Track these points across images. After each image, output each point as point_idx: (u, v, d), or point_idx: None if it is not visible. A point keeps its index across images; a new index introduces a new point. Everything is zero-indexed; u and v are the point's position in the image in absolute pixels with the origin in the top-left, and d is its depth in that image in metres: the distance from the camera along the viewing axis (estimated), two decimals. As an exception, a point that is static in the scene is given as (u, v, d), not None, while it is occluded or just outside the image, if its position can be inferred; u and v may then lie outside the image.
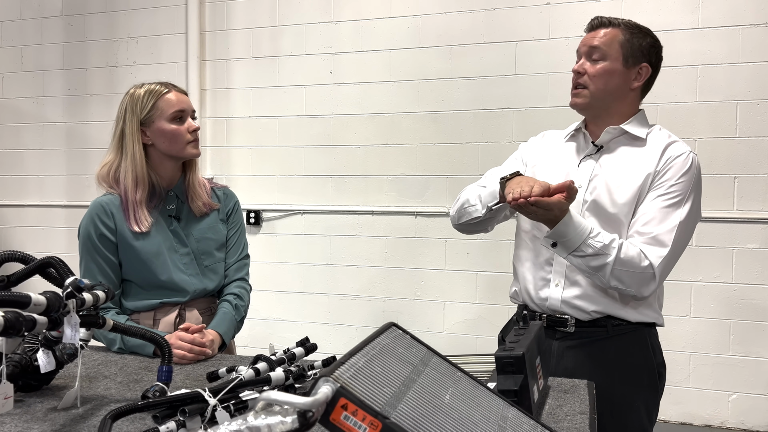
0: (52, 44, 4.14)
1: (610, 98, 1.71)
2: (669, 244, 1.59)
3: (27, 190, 4.24)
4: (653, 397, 1.70)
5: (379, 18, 3.54)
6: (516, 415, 0.95)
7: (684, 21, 3.09)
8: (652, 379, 1.69)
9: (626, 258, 1.56)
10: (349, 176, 3.63)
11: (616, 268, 1.55)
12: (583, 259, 1.57)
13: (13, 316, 1.05)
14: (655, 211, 1.62)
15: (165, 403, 1.09)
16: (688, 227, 1.64)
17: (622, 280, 1.57)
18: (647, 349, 1.68)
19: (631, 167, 1.67)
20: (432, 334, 3.49)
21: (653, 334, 1.72)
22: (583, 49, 1.71)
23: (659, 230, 1.60)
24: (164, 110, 1.75)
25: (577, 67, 1.71)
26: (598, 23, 1.72)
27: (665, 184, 1.63)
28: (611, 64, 1.67)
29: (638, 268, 1.57)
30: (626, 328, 1.66)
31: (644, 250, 1.59)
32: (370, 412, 0.70)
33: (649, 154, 1.67)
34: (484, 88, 3.39)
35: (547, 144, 1.85)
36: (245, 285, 1.93)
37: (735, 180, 3.07)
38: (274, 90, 3.74)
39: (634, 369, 1.67)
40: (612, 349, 1.66)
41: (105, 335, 1.68)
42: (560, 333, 1.70)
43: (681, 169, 1.63)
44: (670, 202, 1.61)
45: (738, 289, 3.08)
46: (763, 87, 3.02)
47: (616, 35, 1.68)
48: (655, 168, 1.64)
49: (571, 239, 1.55)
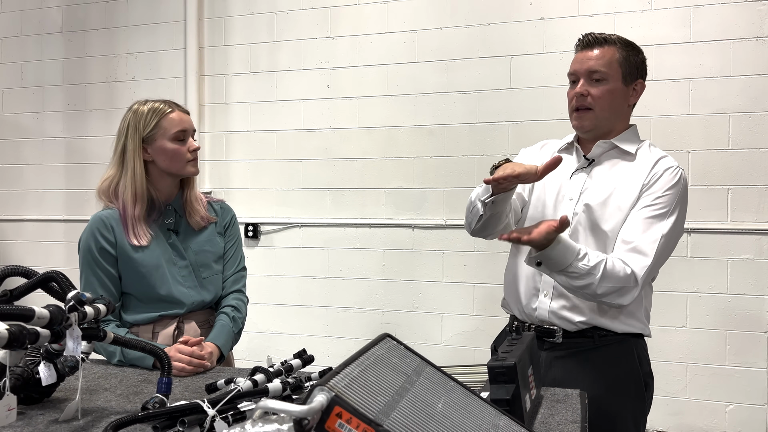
0: (52, 60, 4.18)
1: (613, 117, 1.73)
2: (651, 255, 1.60)
3: (26, 204, 4.27)
4: (640, 407, 1.72)
5: (376, 33, 3.58)
6: (507, 424, 0.98)
7: (676, 35, 3.14)
8: (638, 389, 1.70)
9: (611, 272, 1.57)
10: (346, 189, 3.66)
11: (601, 284, 1.56)
12: (568, 278, 1.57)
13: (17, 329, 1.07)
14: (639, 221, 1.64)
15: (165, 414, 1.11)
16: (671, 240, 1.66)
17: (605, 293, 1.58)
18: (633, 359, 1.70)
19: (620, 182, 1.69)
20: (430, 346, 3.51)
21: (640, 344, 1.74)
22: (582, 70, 1.70)
23: (642, 240, 1.61)
24: (167, 129, 1.78)
25: (579, 89, 1.70)
26: (592, 40, 1.71)
27: (651, 196, 1.65)
28: (613, 84, 1.69)
29: (621, 280, 1.58)
30: (612, 339, 1.68)
31: (626, 259, 1.60)
32: (364, 420, 0.72)
33: (639, 169, 1.69)
34: (480, 102, 3.43)
35: (544, 156, 1.85)
36: (242, 297, 1.96)
37: (728, 191, 3.10)
38: (272, 104, 3.78)
39: (621, 379, 1.68)
40: (599, 360, 1.68)
41: (105, 348, 1.70)
42: (548, 344, 1.72)
43: (669, 182, 1.66)
44: (655, 214, 1.63)
45: (733, 299, 3.10)
46: (754, 100, 3.06)
47: (613, 54, 1.69)
48: (644, 181, 1.67)
49: (556, 261, 1.55)
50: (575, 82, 1.74)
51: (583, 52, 1.72)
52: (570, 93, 1.76)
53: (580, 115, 1.72)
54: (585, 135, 1.77)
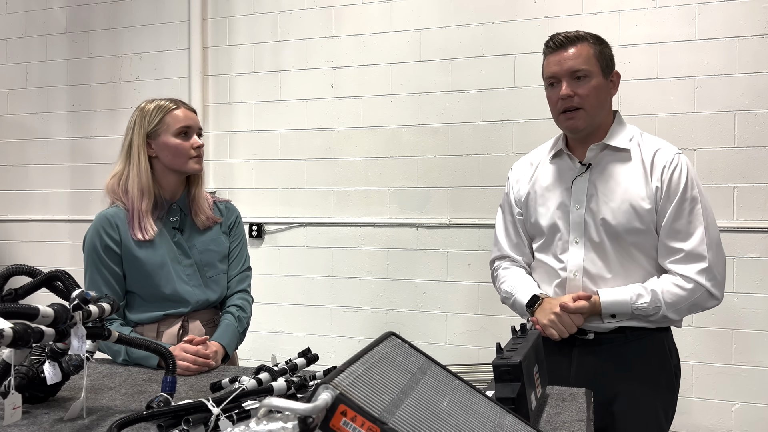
0: (56, 61, 4.19)
1: (602, 112, 1.73)
2: (705, 253, 1.62)
3: (31, 204, 4.28)
4: (671, 398, 1.74)
5: (380, 32, 3.58)
6: (513, 422, 0.97)
7: (681, 33, 3.13)
8: (669, 381, 1.73)
9: (672, 299, 1.63)
10: (350, 189, 3.66)
11: (670, 311, 1.63)
12: (645, 317, 1.65)
13: (21, 328, 1.07)
14: (677, 230, 1.65)
15: (169, 413, 1.11)
16: (711, 220, 1.67)
17: (690, 311, 1.66)
18: (665, 351, 1.72)
19: (623, 182, 1.69)
20: (435, 345, 3.50)
21: (669, 336, 1.76)
22: (562, 72, 1.68)
23: (689, 245, 1.63)
24: (171, 125, 1.79)
25: (565, 91, 1.68)
26: (564, 40, 1.69)
27: (672, 199, 1.65)
28: (596, 80, 1.68)
29: (686, 297, 1.63)
30: (644, 333, 1.70)
31: (682, 272, 1.63)
32: (368, 418, 0.72)
33: (638, 165, 1.69)
34: (484, 101, 3.42)
35: (534, 172, 1.86)
36: (247, 297, 1.96)
37: (734, 190, 3.08)
38: (276, 104, 3.78)
39: (652, 371, 1.70)
40: (630, 354, 1.69)
41: (110, 347, 1.70)
42: (579, 340, 1.72)
43: (678, 180, 1.66)
44: (685, 215, 1.64)
45: (739, 298, 3.09)
46: (760, 97, 3.04)
47: (589, 50, 1.68)
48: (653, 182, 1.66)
49: (621, 311, 1.64)
50: (553, 84, 1.73)
51: (557, 53, 1.70)
52: (553, 96, 1.74)
53: (571, 116, 1.70)
54: (577, 135, 1.76)
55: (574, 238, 1.72)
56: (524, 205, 1.85)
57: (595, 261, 1.70)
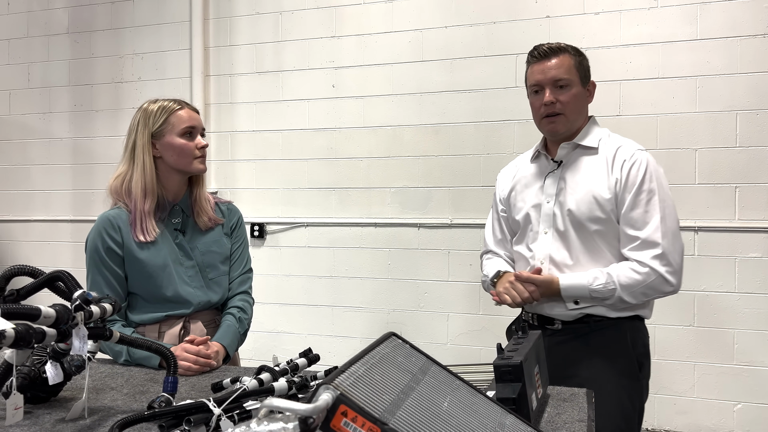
0: (58, 61, 4.20)
1: (580, 118, 1.88)
2: (659, 240, 1.73)
3: (33, 205, 4.28)
4: (635, 386, 1.81)
5: (381, 32, 3.58)
6: (514, 423, 0.97)
7: (683, 32, 3.12)
8: (631, 369, 1.80)
9: (626, 282, 1.73)
10: (352, 189, 3.66)
11: (625, 293, 1.73)
12: (602, 302, 1.76)
13: (23, 329, 1.07)
14: (633, 219, 1.76)
15: (171, 413, 1.11)
16: (669, 212, 1.77)
17: (645, 294, 1.75)
18: (626, 341, 1.81)
19: (589, 176, 1.82)
20: (436, 345, 3.50)
21: (635, 327, 1.84)
22: (546, 80, 1.83)
23: (644, 234, 1.74)
24: (175, 125, 1.79)
25: (549, 98, 1.82)
26: (548, 51, 1.84)
27: (630, 190, 1.77)
28: (576, 88, 1.84)
29: (641, 281, 1.73)
30: (607, 323, 1.80)
31: (638, 258, 1.75)
32: (369, 419, 0.72)
33: (602, 160, 1.83)
34: (485, 101, 3.42)
35: (518, 172, 2.02)
36: (248, 298, 1.96)
37: (736, 189, 3.08)
38: (278, 104, 3.78)
39: (612, 357, 1.79)
40: (594, 342, 1.80)
41: (111, 347, 1.71)
42: (549, 330, 1.86)
43: (636, 174, 1.77)
44: (641, 205, 1.76)
45: (741, 298, 3.09)
46: (762, 97, 3.04)
47: (570, 61, 1.84)
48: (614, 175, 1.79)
49: (580, 295, 1.77)
50: (537, 92, 1.87)
51: (541, 63, 1.85)
52: (536, 102, 1.88)
53: (552, 120, 1.85)
54: (556, 138, 1.90)
55: (544, 229, 1.87)
56: (507, 203, 2.02)
57: (560, 249, 1.84)
